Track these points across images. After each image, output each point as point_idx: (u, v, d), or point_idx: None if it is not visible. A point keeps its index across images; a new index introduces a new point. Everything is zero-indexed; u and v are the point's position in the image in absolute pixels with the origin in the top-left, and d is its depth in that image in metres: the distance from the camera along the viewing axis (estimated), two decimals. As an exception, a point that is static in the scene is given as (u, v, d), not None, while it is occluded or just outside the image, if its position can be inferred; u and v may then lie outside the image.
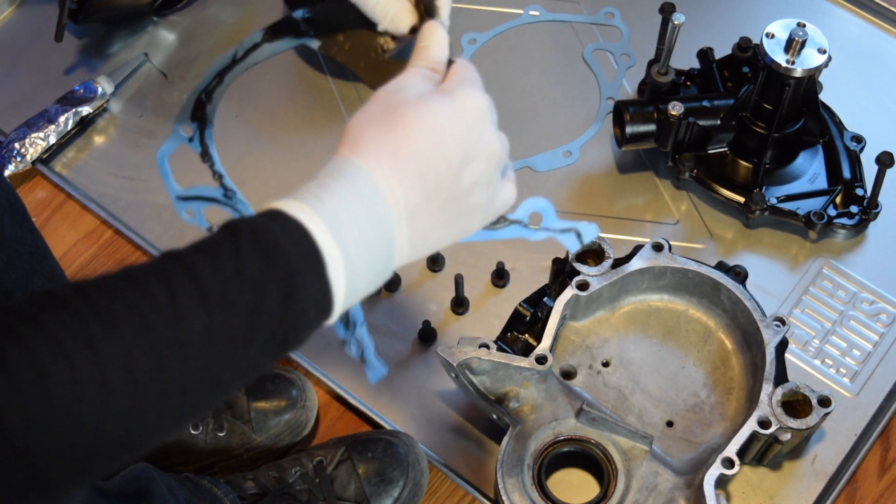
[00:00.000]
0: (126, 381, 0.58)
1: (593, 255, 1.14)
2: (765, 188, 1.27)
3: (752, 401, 1.09)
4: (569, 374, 1.14)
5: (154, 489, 0.95)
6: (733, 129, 1.27)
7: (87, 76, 1.40)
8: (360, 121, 0.70)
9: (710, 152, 1.28)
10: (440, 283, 1.26)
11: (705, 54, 1.34)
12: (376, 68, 1.01)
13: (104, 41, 1.44)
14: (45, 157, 1.34)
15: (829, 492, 1.14)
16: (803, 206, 1.27)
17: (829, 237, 1.29)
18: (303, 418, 1.15)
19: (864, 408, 1.20)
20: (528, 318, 1.13)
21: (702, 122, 1.26)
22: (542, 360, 1.07)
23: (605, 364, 1.15)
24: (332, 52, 1.18)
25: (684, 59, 1.35)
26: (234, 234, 0.63)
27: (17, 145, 1.32)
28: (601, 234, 1.13)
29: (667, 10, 1.28)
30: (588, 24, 1.46)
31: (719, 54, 1.33)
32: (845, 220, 1.27)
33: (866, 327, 1.25)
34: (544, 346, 1.09)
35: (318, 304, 0.65)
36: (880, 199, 1.26)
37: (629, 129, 1.26)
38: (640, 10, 1.46)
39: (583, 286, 1.12)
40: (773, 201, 1.26)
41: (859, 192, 1.27)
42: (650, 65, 1.34)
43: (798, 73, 1.19)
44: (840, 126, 1.31)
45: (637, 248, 1.14)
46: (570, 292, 1.11)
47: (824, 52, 1.19)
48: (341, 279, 0.65)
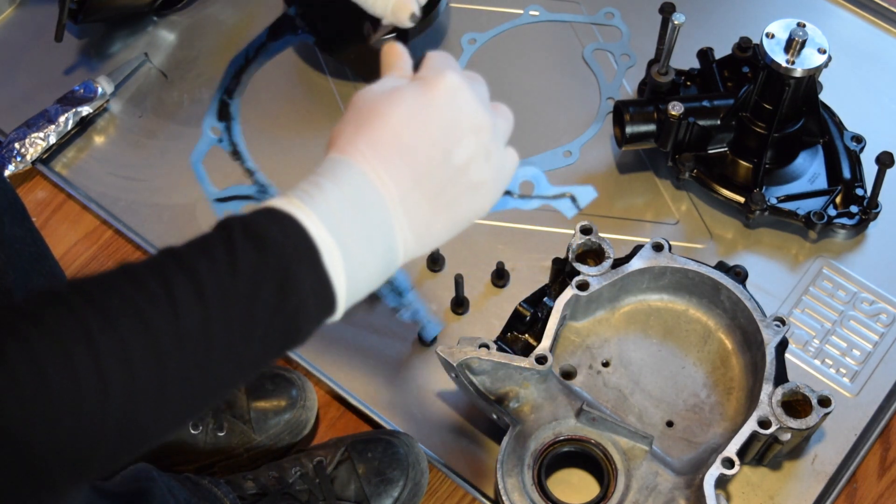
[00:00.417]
0: (124, 374, 0.58)
1: (593, 255, 1.14)
2: (765, 188, 1.27)
3: (752, 401, 1.09)
4: (569, 374, 1.14)
5: (154, 489, 0.95)
6: (733, 129, 1.27)
7: (87, 76, 1.40)
8: (339, 125, 0.72)
9: (710, 152, 1.28)
10: (440, 283, 1.26)
11: (705, 54, 1.34)
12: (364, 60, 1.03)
13: (104, 41, 1.44)
14: (45, 157, 1.34)
15: (829, 492, 1.14)
16: (803, 206, 1.27)
17: (829, 237, 1.29)
18: (303, 418, 1.15)
19: (864, 408, 1.20)
20: (528, 318, 1.13)
21: (702, 122, 1.26)
22: (542, 360, 1.07)
23: (605, 364, 1.15)
24: (326, 49, 1.20)
25: (684, 59, 1.35)
26: (226, 230, 0.64)
27: (17, 145, 1.32)
28: (601, 234, 1.14)
29: (667, 10, 1.28)
30: (588, 24, 1.46)
31: (719, 54, 1.33)
32: (845, 220, 1.27)
33: (866, 327, 1.25)
34: (544, 346, 1.09)
35: (317, 294, 0.65)
36: (880, 199, 1.26)
37: (629, 129, 1.26)
38: (640, 10, 1.46)
39: (583, 286, 1.12)
40: (773, 201, 1.26)
41: (859, 192, 1.27)
42: (650, 65, 1.34)
43: (798, 73, 1.19)
44: (840, 126, 1.31)
45: (637, 248, 1.14)
46: (570, 292, 1.11)
47: (824, 52, 1.19)
48: (340, 269, 0.66)
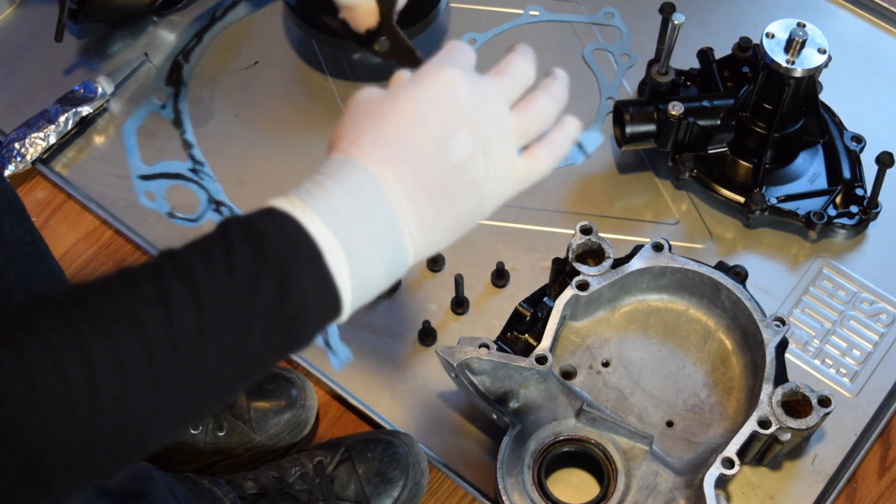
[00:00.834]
0: (116, 380, 0.58)
1: (593, 255, 1.14)
2: (765, 188, 1.27)
3: (752, 401, 1.09)
4: (569, 374, 1.14)
5: (154, 488, 0.95)
6: (733, 129, 1.27)
7: (87, 76, 1.40)
8: (339, 126, 0.71)
9: (710, 152, 1.28)
10: (440, 283, 1.26)
11: (705, 54, 1.34)
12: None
13: (104, 41, 1.44)
14: (45, 157, 1.34)
15: (829, 492, 1.14)
16: (803, 206, 1.26)
17: (829, 237, 1.29)
18: (303, 418, 1.15)
19: (864, 408, 1.19)
20: (528, 318, 1.13)
21: (702, 122, 1.26)
22: (542, 360, 1.07)
23: (605, 364, 1.15)
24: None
25: (684, 59, 1.35)
26: (225, 230, 0.63)
27: (17, 145, 1.32)
28: (601, 234, 1.14)
29: (667, 10, 1.28)
30: (588, 24, 1.46)
31: (719, 54, 1.33)
32: (845, 220, 1.27)
33: (866, 327, 1.25)
34: (544, 346, 1.09)
35: (319, 296, 0.64)
36: (880, 199, 1.26)
37: (629, 129, 1.26)
38: (640, 10, 1.46)
39: (583, 286, 1.12)
40: (773, 201, 1.26)
41: (859, 192, 1.27)
42: (650, 65, 1.34)
43: (798, 73, 1.19)
44: (840, 126, 1.31)
45: (637, 248, 1.14)
46: (570, 292, 1.11)
47: (824, 52, 1.19)
48: (344, 269, 0.65)
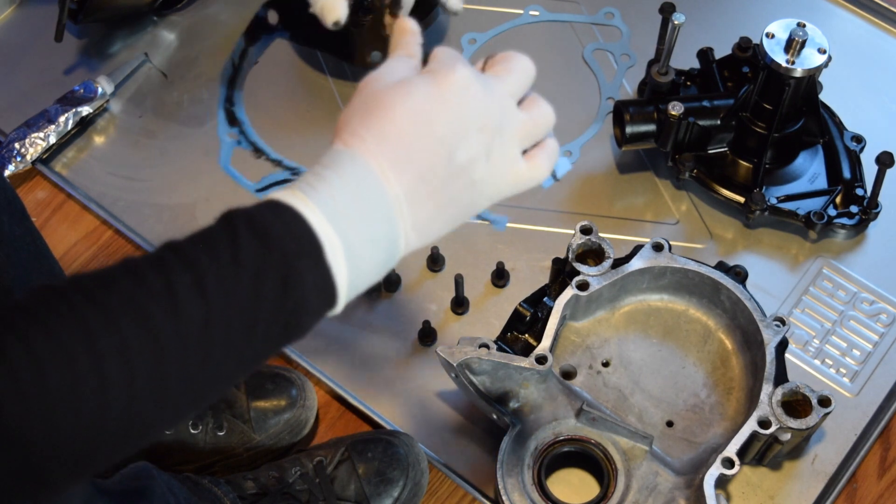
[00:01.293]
0: (124, 372, 0.58)
1: (593, 255, 1.14)
2: (765, 188, 1.27)
3: (752, 401, 1.09)
4: (569, 374, 1.14)
5: (154, 487, 0.95)
6: (733, 129, 1.27)
7: (87, 76, 1.40)
8: (346, 114, 0.71)
9: (710, 152, 1.28)
10: (440, 283, 1.26)
11: (705, 54, 1.34)
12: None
13: (104, 41, 1.44)
14: (45, 157, 1.34)
15: (829, 492, 1.14)
16: (803, 206, 1.26)
17: (829, 237, 1.29)
18: (302, 418, 1.15)
19: (864, 408, 1.20)
20: (528, 318, 1.13)
21: (702, 122, 1.26)
22: (542, 360, 1.07)
23: (605, 364, 1.15)
24: (301, 42, 1.35)
25: (684, 59, 1.35)
26: (230, 223, 0.63)
27: (17, 145, 1.32)
28: (601, 234, 1.14)
29: (667, 10, 1.28)
30: (588, 24, 1.46)
31: (719, 54, 1.33)
32: (845, 220, 1.27)
33: (866, 327, 1.25)
34: (544, 346, 1.09)
35: (319, 290, 0.65)
36: (880, 199, 1.26)
37: (629, 129, 1.26)
38: (640, 10, 1.46)
39: (583, 286, 1.12)
40: (773, 201, 1.26)
41: (859, 192, 1.27)
42: (650, 65, 1.34)
43: (798, 73, 1.19)
44: (840, 126, 1.31)
45: (637, 248, 1.14)
46: (570, 292, 1.11)
47: (824, 52, 1.19)
48: (342, 264, 0.65)
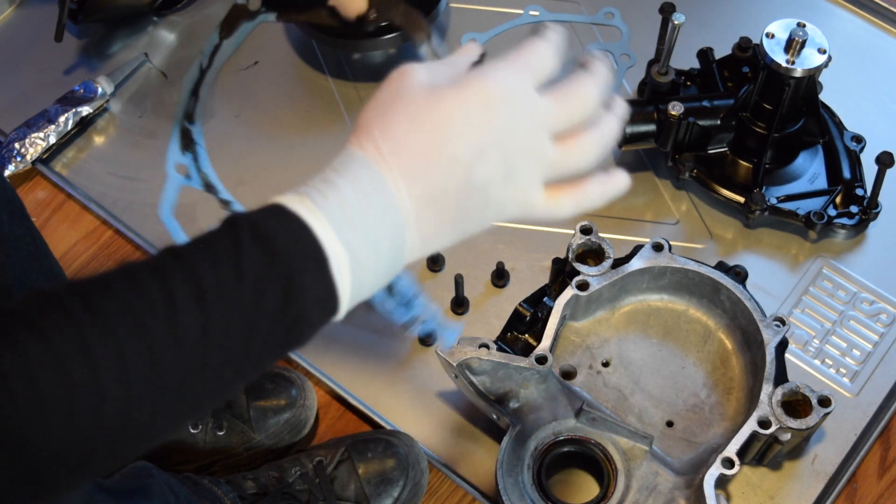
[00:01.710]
0: (120, 383, 0.57)
1: (593, 255, 1.14)
2: (765, 188, 1.27)
3: (752, 401, 1.09)
4: (569, 374, 1.14)
5: (154, 486, 0.95)
6: (733, 129, 1.27)
7: (87, 76, 1.40)
8: (371, 111, 0.68)
9: (710, 152, 1.28)
10: (440, 283, 1.26)
11: (705, 54, 1.34)
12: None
13: (104, 41, 1.44)
14: (45, 157, 1.34)
15: (829, 492, 1.14)
16: (803, 206, 1.26)
17: (829, 237, 1.29)
18: (302, 417, 1.15)
19: (864, 408, 1.19)
20: (528, 318, 1.13)
21: (702, 122, 1.25)
22: (542, 360, 1.07)
23: (605, 364, 1.15)
24: (291, 17, 1.25)
25: (684, 59, 1.35)
26: (233, 230, 0.62)
27: (17, 145, 1.32)
28: (601, 234, 1.14)
29: (667, 10, 1.28)
30: (588, 24, 1.46)
31: (719, 54, 1.33)
32: (845, 220, 1.27)
33: (866, 327, 1.24)
34: (544, 346, 1.09)
35: (321, 302, 0.64)
36: (880, 199, 1.26)
37: (629, 129, 1.26)
38: (640, 10, 1.46)
39: (583, 286, 1.12)
40: (773, 201, 1.26)
41: (859, 192, 1.27)
42: (650, 65, 1.34)
43: (798, 73, 1.19)
44: (840, 126, 1.31)
45: (637, 248, 1.14)
46: (570, 292, 1.11)
47: (824, 52, 1.19)
48: (346, 276, 0.64)
